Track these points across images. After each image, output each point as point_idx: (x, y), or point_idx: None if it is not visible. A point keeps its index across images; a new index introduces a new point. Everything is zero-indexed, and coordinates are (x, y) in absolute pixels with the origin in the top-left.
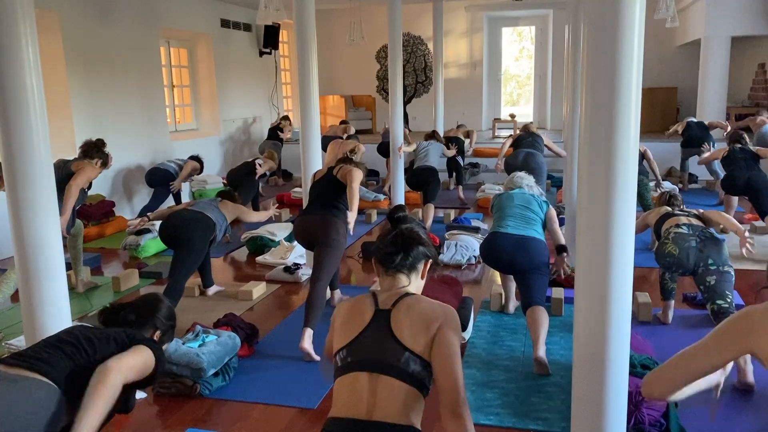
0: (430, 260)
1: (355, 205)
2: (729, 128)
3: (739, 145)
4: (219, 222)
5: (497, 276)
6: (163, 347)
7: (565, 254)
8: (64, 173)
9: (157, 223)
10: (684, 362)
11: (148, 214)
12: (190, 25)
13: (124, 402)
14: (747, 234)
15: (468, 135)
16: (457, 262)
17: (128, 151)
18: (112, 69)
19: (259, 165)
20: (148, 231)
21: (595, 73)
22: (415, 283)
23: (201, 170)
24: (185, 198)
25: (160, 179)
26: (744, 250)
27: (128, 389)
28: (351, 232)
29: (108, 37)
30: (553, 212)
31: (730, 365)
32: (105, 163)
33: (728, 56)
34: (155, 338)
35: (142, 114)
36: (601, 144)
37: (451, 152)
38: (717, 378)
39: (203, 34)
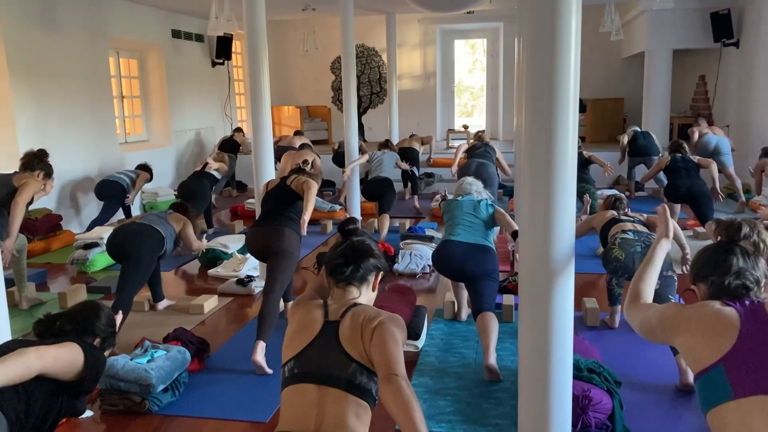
0: (381, 272)
1: (309, 210)
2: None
3: (680, 155)
4: (168, 235)
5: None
6: (106, 353)
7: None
8: (5, 189)
9: (106, 237)
10: (643, 308)
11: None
12: (140, 36)
13: (72, 406)
14: (687, 250)
15: (424, 142)
16: (411, 271)
17: (76, 163)
18: (59, 80)
19: (209, 160)
20: (96, 245)
21: (534, 85)
22: (365, 295)
23: (151, 178)
24: (136, 211)
25: (110, 192)
26: (684, 268)
27: (72, 392)
28: (305, 232)
29: (54, 48)
30: (501, 209)
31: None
32: (48, 175)
33: (670, 68)
34: (96, 345)
35: (90, 125)
36: (541, 153)
37: (405, 165)
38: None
39: (154, 44)
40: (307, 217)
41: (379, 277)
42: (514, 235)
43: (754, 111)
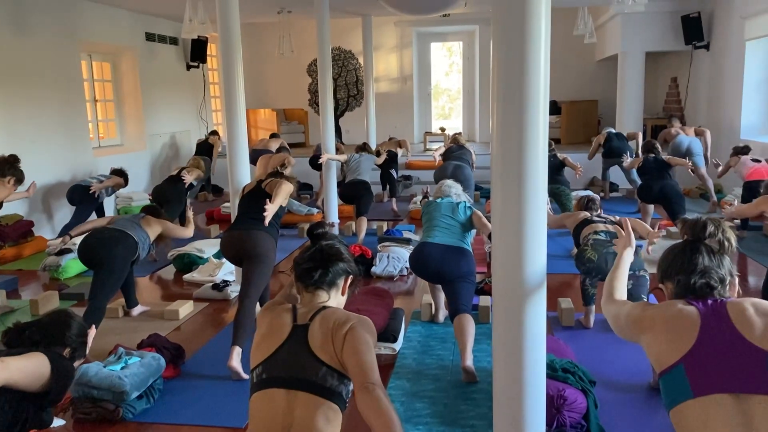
0: (351, 276)
1: (276, 202)
2: (640, 135)
3: (653, 155)
4: (141, 240)
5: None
6: (76, 364)
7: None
8: None
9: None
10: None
11: (70, 232)
12: (113, 39)
13: (38, 418)
14: (655, 240)
15: (401, 145)
16: (389, 274)
17: (48, 168)
18: (30, 83)
19: (185, 173)
20: (69, 251)
21: (505, 87)
22: (335, 299)
23: (126, 184)
24: (109, 214)
25: (82, 197)
26: (650, 248)
27: (38, 404)
28: (266, 223)
29: (24, 51)
30: (478, 212)
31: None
32: (19, 180)
33: (643, 71)
34: (65, 355)
35: (62, 130)
36: (512, 155)
37: (381, 159)
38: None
39: (127, 47)
40: (271, 208)
41: (349, 281)
42: (490, 236)
43: (724, 112)
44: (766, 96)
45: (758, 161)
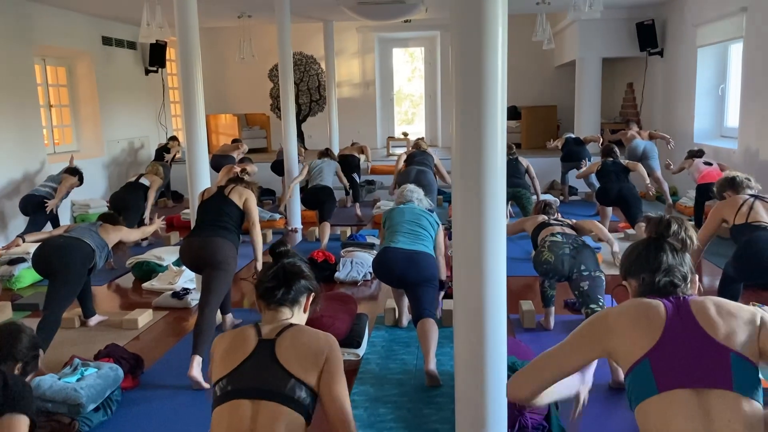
0: (313, 294)
1: (258, 254)
2: (602, 140)
3: (611, 159)
4: (98, 248)
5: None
6: (27, 379)
7: (441, 292)
8: None
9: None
10: (546, 362)
11: (24, 236)
12: (68, 43)
13: None
14: (616, 247)
15: (362, 151)
16: (353, 279)
17: (0, 174)
18: None
19: (147, 184)
20: (22, 260)
21: (463, 93)
22: (297, 317)
23: (80, 183)
24: (65, 222)
25: (35, 206)
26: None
27: None
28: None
29: None
30: (442, 236)
31: (591, 375)
32: None
33: (600, 76)
34: (17, 371)
35: (15, 135)
36: (471, 159)
37: (344, 181)
38: (577, 387)
39: (83, 51)
40: (259, 264)
41: (311, 299)
42: (440, 284)
43: (678, 116)
44: (717, 101)
45: (710, 164)
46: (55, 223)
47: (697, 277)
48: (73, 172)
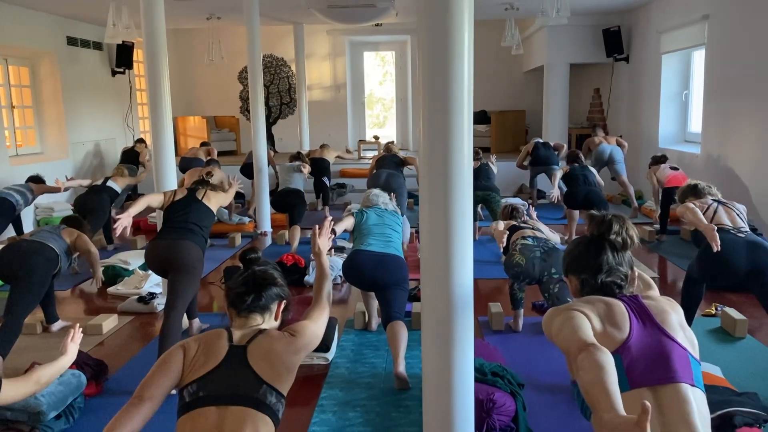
0: (284, 301)
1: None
2: (565, 148)
3: (577, 164)
4: (62, 252)
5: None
6: None
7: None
8: None
9: None
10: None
11: None
12: (30, 43)
13: None
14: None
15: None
16: None
17: None
18: None
19: (114, 187)
20: None
21: (430, 97)
22: (268, 323)
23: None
24: (28, 226)
25: None
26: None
27: None
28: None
29: None
30: (406, 222)
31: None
32: None
33: (568, 81)
34: None
35: None
36: (438, 161)
37: (307, 170)
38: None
39: (47, 51)
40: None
41: (282, 306)
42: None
43: (643, 121)
44: (681, 107)
45: (676, 169)
46: (18, 230)
47: (636, 273)
48: (38, 180)
